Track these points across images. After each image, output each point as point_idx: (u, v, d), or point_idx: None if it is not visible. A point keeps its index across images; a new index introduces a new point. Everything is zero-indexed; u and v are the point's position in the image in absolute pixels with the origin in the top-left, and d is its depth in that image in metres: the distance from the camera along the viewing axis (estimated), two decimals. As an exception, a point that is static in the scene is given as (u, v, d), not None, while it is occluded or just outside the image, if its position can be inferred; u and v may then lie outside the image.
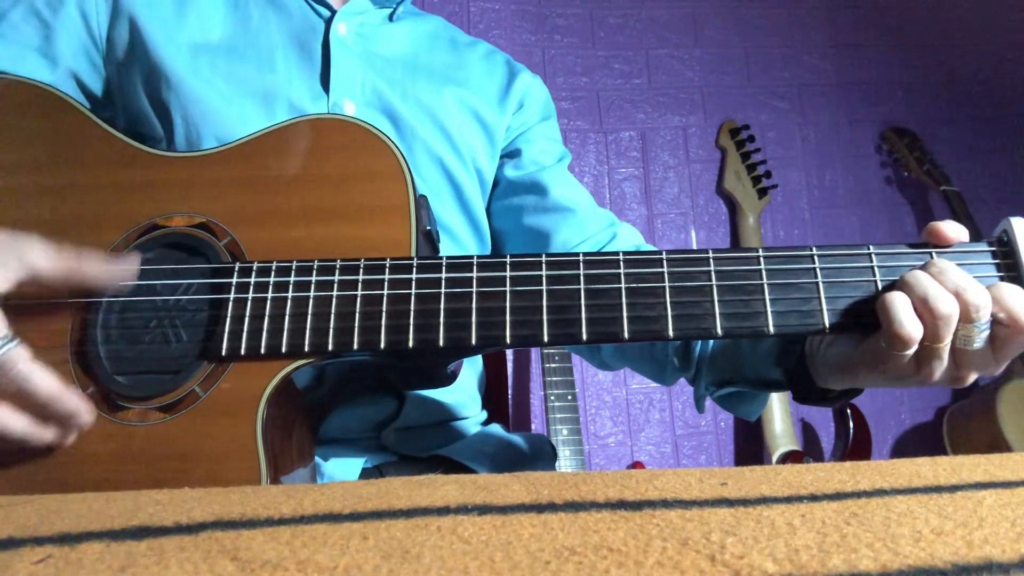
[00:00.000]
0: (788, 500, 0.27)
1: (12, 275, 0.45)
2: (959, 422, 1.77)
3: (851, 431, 1.69)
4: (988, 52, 2.19)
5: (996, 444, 1.58)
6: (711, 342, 0.64)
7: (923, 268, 0.45)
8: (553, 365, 1.54)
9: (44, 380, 0.44)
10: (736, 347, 0.61)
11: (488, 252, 0.79)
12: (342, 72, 0.69)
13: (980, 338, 0.43)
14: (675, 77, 2.03)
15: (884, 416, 1.92)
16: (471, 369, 0.75)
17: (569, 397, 1.52)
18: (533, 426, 1.79)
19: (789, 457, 1.66)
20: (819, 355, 0.52)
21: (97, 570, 0.21)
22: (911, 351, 0.44)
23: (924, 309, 0.43)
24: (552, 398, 1.52)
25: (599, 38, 2.02)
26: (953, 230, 0.47)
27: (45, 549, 0.23)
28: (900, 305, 0.43)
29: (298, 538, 0.24)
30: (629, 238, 0.75)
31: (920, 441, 1.92)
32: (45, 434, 0.45)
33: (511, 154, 0.78)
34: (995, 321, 0.43)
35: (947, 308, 0.42)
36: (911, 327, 0.43)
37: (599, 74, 2.00)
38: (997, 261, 0.47)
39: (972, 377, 0.46)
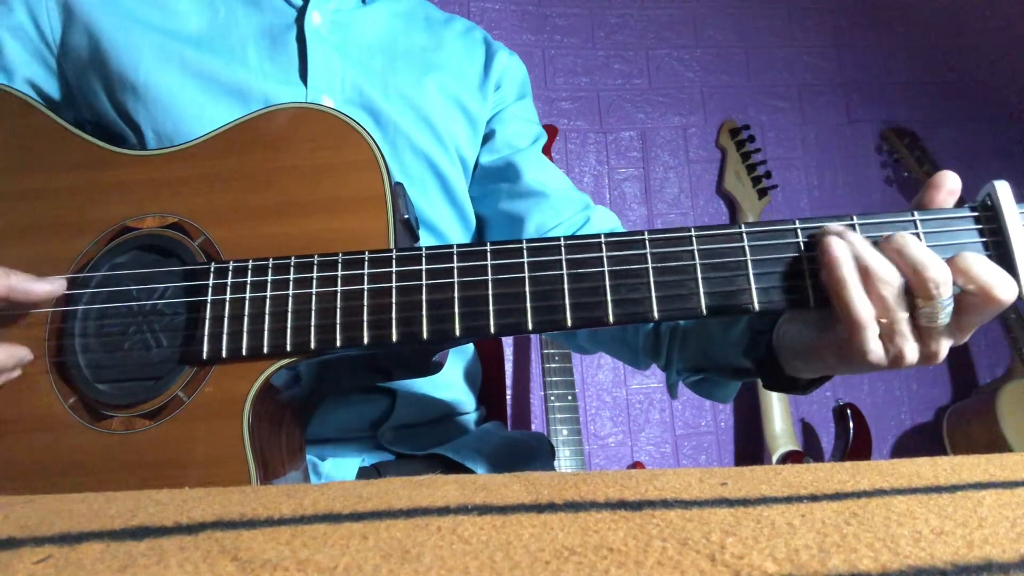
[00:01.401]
0: (788, 500, 0.27)
1: None
2: (959, 422, 1.77)
3: (851, 431, 1.70)
4: (988, 52, 2.19)
5: (996, 444, 1.58)
6: (681, 329, 0.63)
7: (880, 243, 0.44)
8: (553, 365, 1.54)
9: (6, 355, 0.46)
10: (706, 334, 0.61)
11: (474, 239, 0.78)
12: (320, 66, 0.66)
13: (945, 313, 0.42)
14: (675, 77, 2.03)
15: (884, 416, 1.92)
16: (460, 361, 0.75)
17: (569, 397, 1.52)
18: (533, 426, 1.79)
19: (789, 457, 1.66)
20: (786, 342, 0.51)
21: (97, 570, 0.21)
22: (872, 332, 0.43)
23: (867, 281, 0.42)
24: (552, 398, 1.52)
25: (599, 38, 2.02)
26: (955, 181, 0.46)
27: (45, 549, 0.23)
28: (851, 287, 0.43)
29: (298, 538, 0.24)
30: (603, 221, 0.74)
31: (920, 441, 1.92)
32: None
33: (486, 136, 0.77)
34: (964, 292, 0.42)
35: (887, 274, 0.42)
36: (862, 306, 0.42)
37: (599, 74, 2.00)
38: (981, 227, 0.46)
39: (944, 351, 0.45)
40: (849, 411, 1.72)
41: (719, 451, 1.85)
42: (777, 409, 1.71)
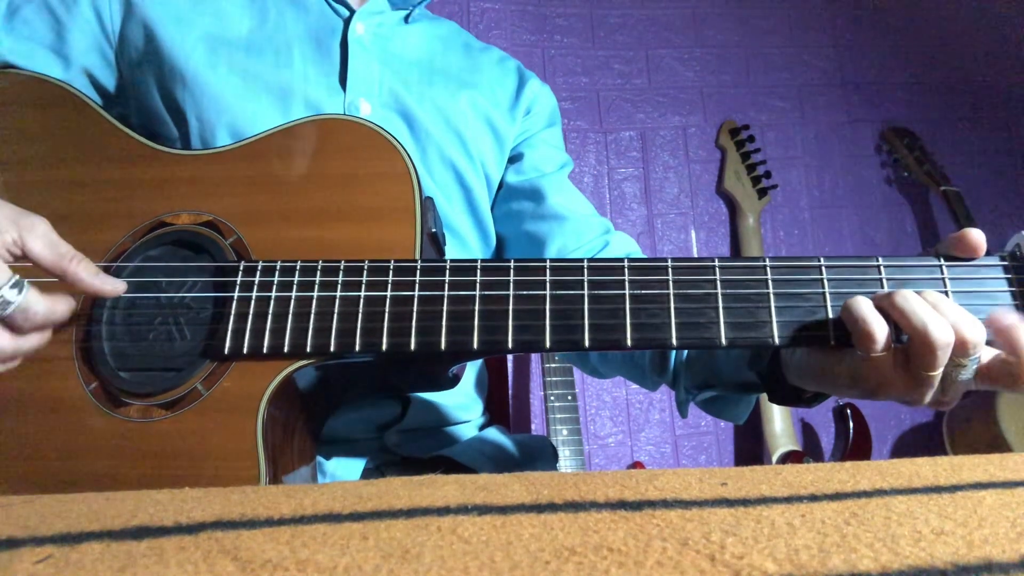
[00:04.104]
0: (788, 500, 0.27)
1: (3, 247, 0.45)
2: (959, 422, 1.77)
3: (851, 431, 1.69)
4: (988, 52, 2.19)
5: (996, 444, 1.58)
6: None
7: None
8: (553, 365, 1.54)
9: (63, 306, 0.47)
10: (710, 350, 0.61)
11: (493, 255, 0.79)
12: (360, 71, 0.69)
13: (970, 370, 0.42)
14: (675, 77, 2.03)
15: (884, 416, 1.92)
16: (471, 369, 0.75)
17: (569, 397, 1.52)
18: (533, 426, 1.79)
19: (789, 457, 1.66)
20: (795, 362, 0.51)
21: (97, 570, 0.21)
22: (880, 351, 0.43)
23: (923, 341, 0.41)
24: (552, 398, 1.52)
25: (599, 38, 2.02)
26: (981, 238, 0.46)
27: (45, 549, 0.23)
28: (863, 304, 0.43)
29: (298, 538, 0.24)
30: (622, 246, 0.75)
31: (920, 441, 1.92)
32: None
33: (513, 159, 0.79)
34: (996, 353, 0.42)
35: (946, 337, 0.41)
36: (876, 324, 0.42)
37: (599, 74, 2.00)
38: (1009, 276, 0.45)
39: (955, 402, 0.45)
40: (849, 411, 1.72)
41: (719, 451, 1.85)
42: (777, 409, 1.71)
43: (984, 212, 2.00)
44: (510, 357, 1.81)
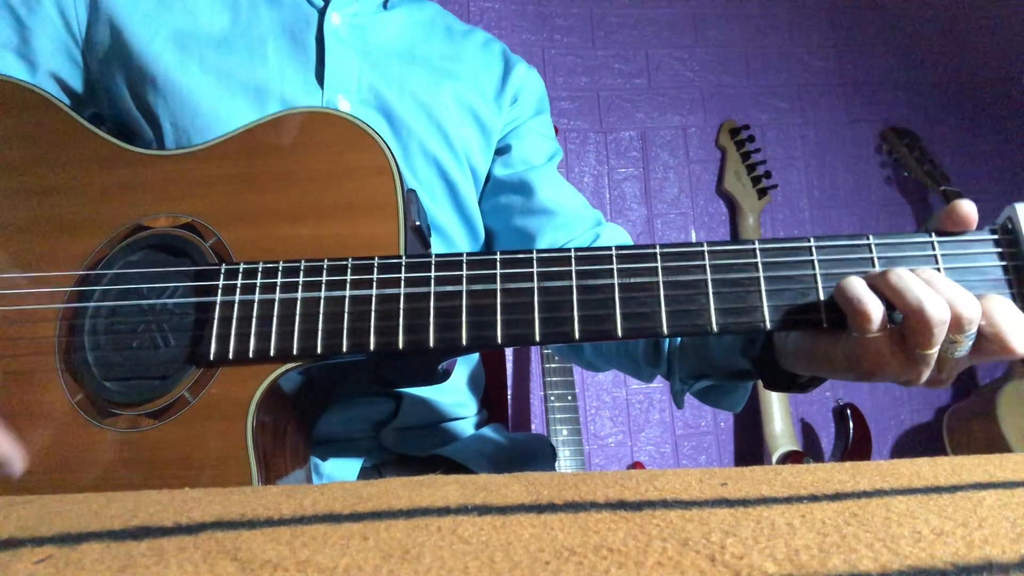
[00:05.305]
0: (788, 500, 0.27)
1: None
2: (959, 422, 1.77)
3: (851, 431, 1.70)
4: (988, 52, 2.19)
5: (996, 444, 1.58)
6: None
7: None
8: (553, 365, 1.54)
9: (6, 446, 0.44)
10: (703, 338, 0.60)
11: (482, 251, 0.78)
12: (337, 66, 0.66)
13: (966, 347, 0.42)
14: (675, 77, 2.03)
15: (884, 416, 1.92)
16: (466, 366, 0.75)
17: (569, 397, 1.52)
18: (533, 426, 1.79)
19: (789, 457, 1.66)
20: (789, 347, 0.50)
21: (97, 570, 0.21)
22: (876, 331, 0.42)
23: (919, 319, 0.40)
24: (552, 398, 1.52)
25: (599, 38, 2.02)
26: (972, 209, 0.45)
27: (45, 549, 0.23)
28: (856, 284, 0.42)
29: (298, 538, 0.24)
30: (613, 237, 0.74)
31: (920, 441, 1.92)
32: None
33: (501, 150, 0.77)
34: (979, 333, 0.41)
35: (942, 314, 0.40)
36: (871, 304, 0.41)
37: (599, 74, 2.00)
38: (1000, 250, 0.45)
39: (951, 380, 0.44)
40: (849, 411, 1.72)
41: (719, 451, 1.85)
42: (777, 409, 1.71)
43: (984, 212, 2.00)
44: (509, 356, 1.81)
